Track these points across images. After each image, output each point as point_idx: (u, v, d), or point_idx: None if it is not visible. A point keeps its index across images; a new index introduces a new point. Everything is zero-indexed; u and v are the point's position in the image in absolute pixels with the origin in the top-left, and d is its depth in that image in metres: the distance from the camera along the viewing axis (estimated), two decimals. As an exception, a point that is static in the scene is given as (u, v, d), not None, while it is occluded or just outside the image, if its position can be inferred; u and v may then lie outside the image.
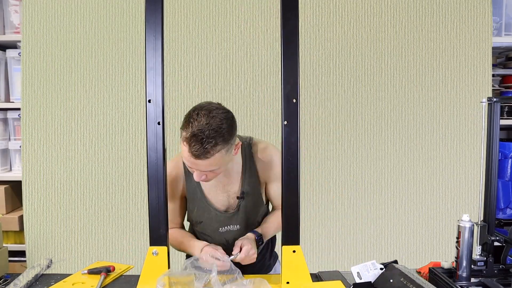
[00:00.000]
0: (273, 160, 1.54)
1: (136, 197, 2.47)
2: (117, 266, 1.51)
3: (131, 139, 2.46)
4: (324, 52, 2.48)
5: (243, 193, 1.54)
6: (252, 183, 1.55)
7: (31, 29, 2.41)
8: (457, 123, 2.52)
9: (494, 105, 1.33)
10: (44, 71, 2.43)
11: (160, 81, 1.28)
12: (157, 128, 1.29)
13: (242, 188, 1.54)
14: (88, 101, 2.44)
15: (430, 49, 2.50)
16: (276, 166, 1.52)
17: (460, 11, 2.49)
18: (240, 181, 1.54)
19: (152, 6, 1.28)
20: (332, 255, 2.53)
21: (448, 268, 1.37)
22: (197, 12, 2.44)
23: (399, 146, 2.52)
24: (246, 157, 1.54)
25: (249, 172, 1.54)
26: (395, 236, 2.54)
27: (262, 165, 1.55)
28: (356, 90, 2.49)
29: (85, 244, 2.47)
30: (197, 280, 1.25)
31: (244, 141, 1.55)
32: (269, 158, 1.55)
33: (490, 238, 1.33)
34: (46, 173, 2.45)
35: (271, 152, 1.55)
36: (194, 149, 1.29)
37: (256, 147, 1.55)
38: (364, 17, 2.48)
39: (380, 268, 1.35)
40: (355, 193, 2.52)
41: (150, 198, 1.31)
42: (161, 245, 1.31)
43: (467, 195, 2.55)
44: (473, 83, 2.52)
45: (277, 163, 1.51)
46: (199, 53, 2.45)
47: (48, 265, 1.52)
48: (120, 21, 2.43)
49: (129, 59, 2.44)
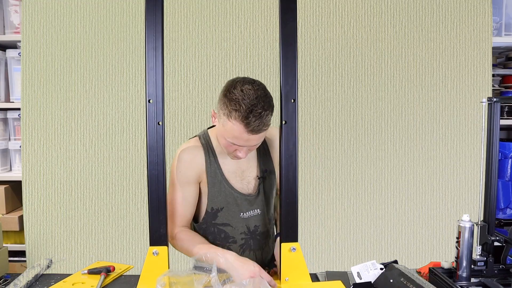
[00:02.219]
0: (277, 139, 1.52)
1: (136, 197, 2.47)
2: (117, 266, 1.51)
3: (131, 139, 2.46)
4: (324, 52, 2.48)
5: (265, 171, 1.54)
6: (268, 161, 1.56)
7: (31, 29, 2.41)
8: (457, 123, 2.52)
9: (494, 105, 1.33)
10: (44, 71, 2.43)
11: (160, 81, 1.29)
12: (157, 128, 1.29)
13: (261, 169, 1.53)
14: (88, 101, 2.44)
15: (430, 49, 2.50)
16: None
17: (460, 11, 2.49)
18: (257, 164, 1.54)
19: (152, 6, 1.28)
20: (332, 255, 2.53)
21: (448, 268, 1.37)
22: (197, 12, 2.44)
23: (399, 146, 2.52)
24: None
25: (263, 151, 1.55)
26: (395, 236, 2.54)
27: (270, 143, 1.57)
28: (356, 90, 2.49)
29: (85, 244, 2.47)
30: (197, 280, 1.25)
31: None
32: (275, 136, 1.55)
33: (490, 238, 1.33)
34: (46, 173, 2.45)
35: (275, 131, 1.53)
36: (254, 125, 1.27)
37: None
38: (364, 17, 2.48)
39: (380, 268, 1.35)
40: (355, 193, 2.52)
41: (150, 198, 1.31)
42: (161, 245, 1.31)
43: (467, 195, 2.55)
44: (473, 83, 2.52)
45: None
46: (199, 53, 2.45)
47: (48, 265, 1.52)
48: (120, 21, 2.43)
49: (129, 59, 2.44)
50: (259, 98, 1.29)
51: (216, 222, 1.52)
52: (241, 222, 1.52)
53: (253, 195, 1.52)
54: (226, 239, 1.53)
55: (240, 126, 1.28)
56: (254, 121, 1.27)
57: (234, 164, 1.50)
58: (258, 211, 1.54)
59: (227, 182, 1.48)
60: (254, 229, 1.54)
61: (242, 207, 1.51)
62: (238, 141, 1.33)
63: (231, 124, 1.29)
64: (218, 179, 1.48)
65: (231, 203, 1.50)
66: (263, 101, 1.29)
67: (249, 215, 1.53)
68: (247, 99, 1.27)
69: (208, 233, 1.53)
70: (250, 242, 1.55)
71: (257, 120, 1.27)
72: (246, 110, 1.27)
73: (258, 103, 1.28)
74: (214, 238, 1.53)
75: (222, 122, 1.33)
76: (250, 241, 1.54)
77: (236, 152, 1.38)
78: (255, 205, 1.53)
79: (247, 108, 1.27)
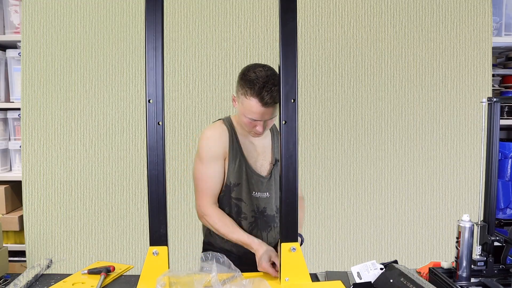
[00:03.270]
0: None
1: (136, 197, 2.47)
2: (117, 266, 1.51)
3: (131, 139, 2.46)
4: (324, 52, 2.48)
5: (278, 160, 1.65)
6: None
7: (31, 29, 2.41)
8: (457, 123, 2.52)
9: (494, 105, 1.33)
10: (44, 71, 2.43)
11: (160, 81, 1.29)
12: (157, 128, 1.29)
13: (275, 155, 1.69)
14: (88, 101, 2.44)
15: (430, 49, 2.50)
16: None
17: (460, 11, 2.49)
18: (271, 151, 1.70)
19: (152, 6, 1.28)
20: (332, 255, 2.53)
21: (448, 268, 1.37)
22: (197, 12, 2.44)
23: (399, 146, 2.52)
24: (272, 128, 1.72)
25: (277, 139, 1.71)
26: (395, 236, 2.54)
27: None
28: (356, 90, 2.49)
29: (85, 244, 2.47)
30: (197, 280, 1.25)
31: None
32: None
33: (490, 238, 1.33)
34: (46, 173, 2.45)
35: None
36: (267, 98, 1.48)
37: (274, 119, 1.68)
38: (364, 17, 2.48)
39: (380, 268, 1.35)
40: (355, 193, 2.52)
41: (150, 198, 1.31)
42: (161, 245, 1.31)
43: (467, 195, 2.55)
44: (473, 83, 2.52)
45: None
46: (199, 53, 2.45)
47: (48, 265, 1.52)
48: (120, 21, 2.43)
49: (129, 59, 2.44)
50: (269, 76, 1.50)
51: (232, 196, 1.64)
52: (252, 201, 1.64)
53: (266, 177, 1.66)
54: (239, 213, 1.64)
55: (255, 101, 1.49)
56: (266, 95, 1.48)
57: (252, 147, 1.66)
58: (267, 194, 1.66)
59: (246, 160, 1.63)
60: (262, 210, 1.65)
61: (255, 186, 1.64)
62: (256, 115, 1.52)
63: (248, 101, 1.50)
64: (239, 157, 1.63)
65: (246, 180, 1.63)
66: (273, 78, 1.50)
67: (259, 196, 1.65)
68: (260, 78, 1.49)
69: (225, 205, 1.65)
70: (258, 221, 1.65)
71: (269, 93, 1.48)
72: (259, 87, 1.48)
73: (269, 80, 1.49)
74: (229, 211, 1.65)
75: (241, 101, 1.53)
76: (258, 220, 1.65)
77: (255, 128, 1.56)
78: (266, 188, 1.66)
79: (260, 85, 1.48)
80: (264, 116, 1.53)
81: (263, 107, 1.50)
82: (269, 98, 1.48)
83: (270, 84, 1.48)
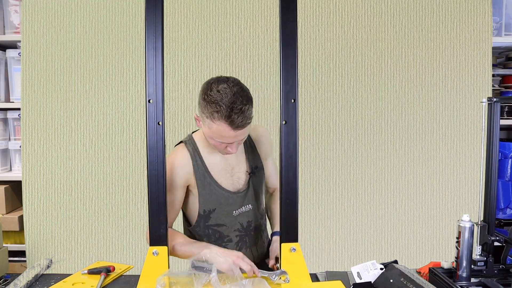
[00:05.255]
0: (263, 136, 1.63)
1: (136, 197, 2.47)
2: (117, 266, 1.51)
3: (131, 139, 2.46)
4: (324, 52, 2.48)
5: (255, 167, 1.58)
6: (256, 158, 1.61)
7: (31, 29, 2.41)
8: (457, 123, 2.52)
9: (494, 105, 1.33)
10: (44, 71, 2.43)
11: (160, 81, 1.29)
12: (157, 128, 1.29)
13: (251, 164, 1.57)
14: (88, 101, 2.44)
15: (430, 49, 2.50)
16: (263, 144, 1.62)
17: (460, 11, 2.49)
18: (246, 159, 1.57)
19: (152, 6, 1.28)
20: (332, 255, 2.53)
21: (448, 268, 1.37)
22: (197, 12, 2.44)
23: (399, 146, 2.52)
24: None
25: (250, 148, 1.59)
26: (395, 236, 2.54)
27: (256, 140, 1.62)
28: (356, 90, 2.49)
29: (85, 244, 2.47)
30: (197, 280, 1.25)
31: None
32: (259, 135, 1.62)
33: (490, 238, 1.33)
34: (46, 173, 2.45)
35: (260, 130, 1.64)
36: (238, 121, 1.31)
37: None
38: (364, 17, 2.48)
39: (380, 268, 1.35)
40: (355, 193, 2.52)
41: (150, 198, 1.31)
42: (161, 245, 1.31)
43: (467, 195, 2.55)
44: (473, 83, 2.52)
45: (264, 141, 1.62)
46: (199, 53, 2.45)
47: (48, 265, 1.52)
48: (120, 21, 2.43)
49: (129, 59, 2.44)
50: (236, 94, 1.32)
51: (210, 224, 1.53)
52: (235, 220, 1.54)
53: (243, 190, 1.55)
54: (221, 238, 1.54)
55: (225, 125, 1.32)
56: (237, 118, 1.31)
57: (223, 162, 1.52)
58: (249, 206, 1.56)
59: (216, 183, 1.50)
60: (247, 224, 1.56)
61: (234, 205, 1.53)
62: (227, 139, 1.37)
63: (216, 125, 1.33)
64: (208, 181, 1.50)
65: (223, 203, 1.52)
66: (241, 96, 1.33)
67: (241, 211, 1.55)
68: (225, 98, 1.31)
69: (203, 235, 1.55)
70: (245, 239, 1.57)
71: (239, 116, 1.31)
72: (226, 109, 1.30)
73: (237, 99, 1.31)
74: (209, 240, 1.54)
75: (207, 124, 1.36)
76: (245, 238, 1.57)
77: (227, 148, 1.42)
78: (246, 201, 1.55)
79: (227, 107, 1.30)
80: (236, 138, 1.38)
81: (235, 130, 1.33)
82: (240, 120, 1.31)
83: (239, 103, 1.31)
